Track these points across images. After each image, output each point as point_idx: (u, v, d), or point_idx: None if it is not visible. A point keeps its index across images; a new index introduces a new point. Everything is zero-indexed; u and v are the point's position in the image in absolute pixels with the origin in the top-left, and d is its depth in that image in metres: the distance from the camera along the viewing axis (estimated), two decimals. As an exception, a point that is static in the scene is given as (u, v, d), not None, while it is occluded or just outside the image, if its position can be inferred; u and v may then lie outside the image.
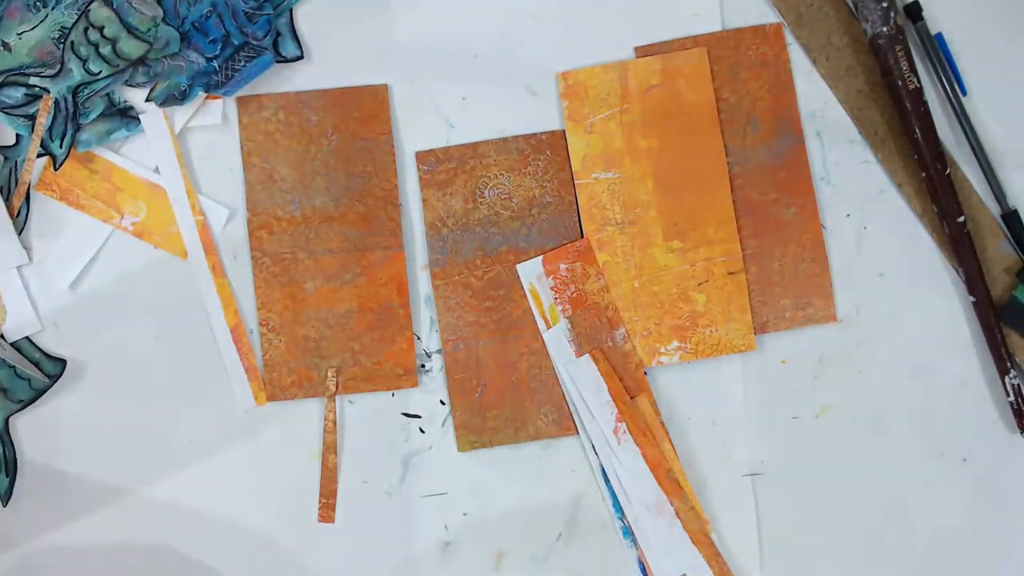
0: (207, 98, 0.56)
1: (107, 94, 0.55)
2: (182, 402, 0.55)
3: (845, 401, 0.56)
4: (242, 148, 0.56)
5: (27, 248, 0.55)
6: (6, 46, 0.54)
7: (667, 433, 0.54)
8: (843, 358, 0.55)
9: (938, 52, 0.56)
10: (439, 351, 0.55)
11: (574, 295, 0.55)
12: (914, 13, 0.56)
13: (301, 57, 0.56)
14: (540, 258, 0.55)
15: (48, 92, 0.54)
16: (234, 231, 0.56)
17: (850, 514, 0.55)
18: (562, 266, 0.55)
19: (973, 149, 0.56)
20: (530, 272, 0.55)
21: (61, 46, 0.54)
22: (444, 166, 0.56)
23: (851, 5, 0.56)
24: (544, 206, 0.56)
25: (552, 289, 0.55)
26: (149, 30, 0.54)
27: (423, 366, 0.55)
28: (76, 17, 0.54)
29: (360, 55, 0.57)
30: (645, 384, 0.54)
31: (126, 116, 0.55)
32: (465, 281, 0.56)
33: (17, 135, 0.55)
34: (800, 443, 0.55)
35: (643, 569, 0.54)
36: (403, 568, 0.55)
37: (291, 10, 0.56)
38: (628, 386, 0.54)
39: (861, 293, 0.56)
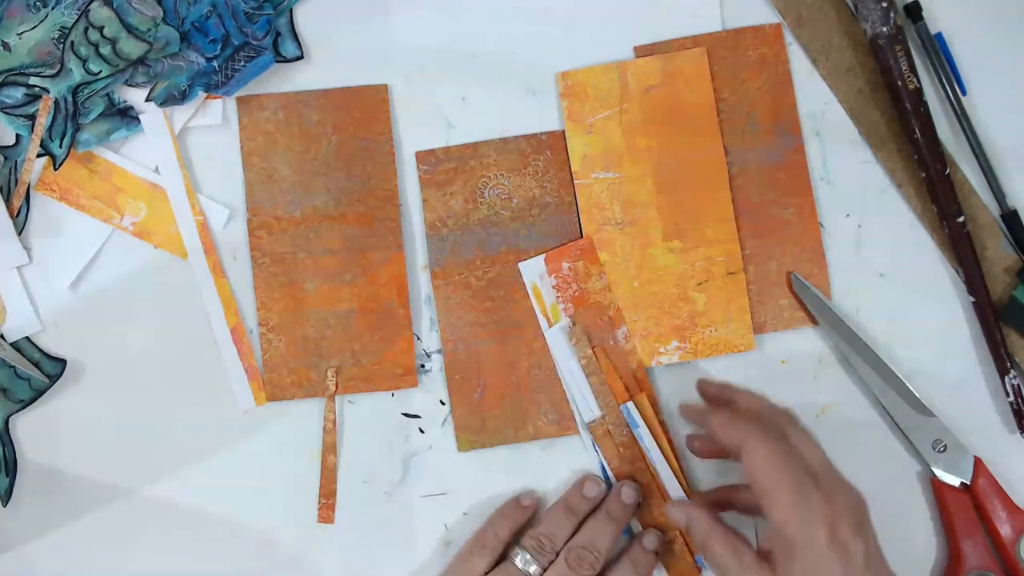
0: (207, 98, 0.56)
1: (107, 94, 0.55)
2: (182, 402, 0.55)
3: (845, 401, 0.56)
4: (242, 148, 0.56)
5: (27, 248, 0.55)
6: (6, 46, 0.54)
7: (666, 432, 0.54)
8: (842, 358, 0.55)
9: (938, 52, 0.56)
10: (439, 351, 0.55)
11: (576, 294, 0.55)
12: (914, 13, 0.56)
13: (301, 57, 0.56)
14: (542, 256, 0.55)
15: (48, 92, 0.54)
16: (234, 231, 0.56)
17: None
18: (564, 264, 0.55)
19: (973, 149, 0.56)
20: (532, 270, 0.55)
21: (61, 46, 0.54)
22: (444, 166, 0.56)
23: (851, 5, 0.57)
24: (544, 206, 0.56)
25: (554, 288, 0.55)
26: (149, 30, 0.54)
27: (423, 366, 0.55)
28: (76, 17, 0.54)
29: (360, 55, 0.57)
30: (646, 383, 0.54)
31: (126, 116, 0.55)
32: (465, 281, 0.56)
33: (17, 135, 0.55)
34: (800, 443, 0.55)
35: (643, 569, 0.54)
36: (403, 568, 0.55)
37: (291, 10, 0.56)
38: (628, 385, 0.54)
39: (861, 293, 0.56)
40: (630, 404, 0.54)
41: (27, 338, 0.55)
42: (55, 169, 0.55)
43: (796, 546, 0.43)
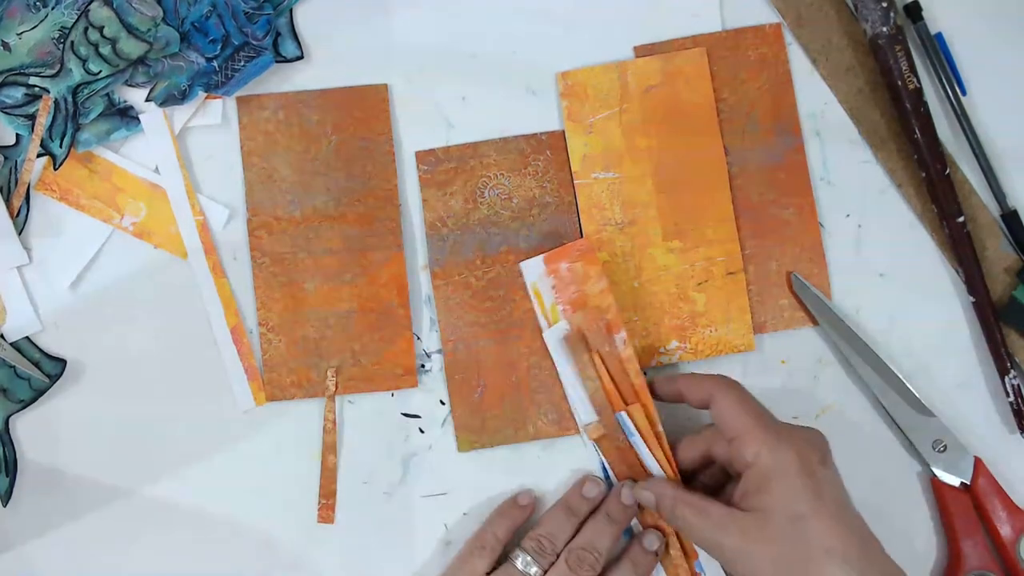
0: (207, 98, 0.56)
1: (107, 94, 0.55)
2: (182, 402, 0.55)
3: (845, 401, 0.56)
4: (242, 148, 0.56)
5: (27, 248, 0.55)
6: (6, 46, 0.54)
7: (661, 443, 0.52)
8: (842, 358, 0.55)
9: (938, 52, 0.56)
10: (439, 351, 0.55)
11: (575, 296, 0.54)
12: (914, 13, 0.56)
13: (301, 57, 0.56)
14: (542, 257, 0.54)
15: (48, 92, 0.54)
16: (234, 231, 0.56)
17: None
18: (563, 265, 0.54)
19: (973, 149, 0.56)
20: (532, 271, 0.55)
21: (61, 46, 0.54)
22: (444, 166, 0.56)
23: (851, 5, 0.57)
24: (544, 206, 0.56)
25: (553, 288, 0.54)
26: (149, 30, 0.54)
27: (423, 366, 0.55)
28: (76, 17, 0.54)
29: (360, 55, 0.57)
30: (643, 391, 0.52)
31: (126, 116, 0.55)
32: (465, 281, 0.56)
33: (17, 135, 0.55)
34: (800, 443, 0.55)
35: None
36: (403, 568, 0.55)
37: (291, 10, 0.56)
38: (625, 392, 0.53)
39: (861, 293, 0.56)
40: (624, 414, 0.52)
41: (27, 338, 0.55)
42: (55, 169, 0.55)
43: (771, 477, 0.45)
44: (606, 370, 0.53)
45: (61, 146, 0.55)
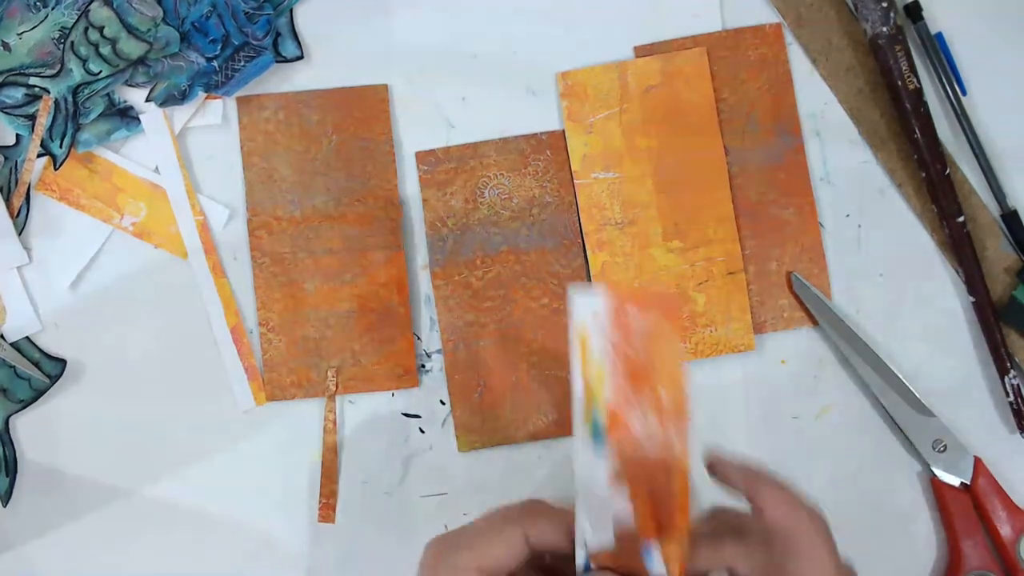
0: (207, 98, 0.56)
1: (107, 94, 0.55)
2: (182, 402, 0.55)
3: (845, 401, 0.56)
4: (242, 148, 0.56)
5: (27, 248, 0.55)
6: (6, 46, 0.54)
7: None
8: (842, 358, 0.55)
9: (938, 52, 0.56)
10: (439, 351, 0.55)
11: (636, 358, 0.37)
12: (914, 13, 0.56)
13: (301, 57, 0.56)
14: (606, 287, 0.39)
15: (48, 92, 0.54)
16: (234, 231, 0.56)
17: (850, 515, 0.55)
18: (632, 310, 0.36)
19: (973, 149, 0.56)
20: (587, 305, 0.37)
21: (61, 46, 0.54)
22: (444, 166, 0.56)
23: (851, 5, 0.57)
24: (544, 206, 0.56)
25: (612, 345, 0.37)
26: (149, 30, 0.54)
27: (423, 366, 0.55)
28: (76, 17, 0.54)
29: (360, 55, 0.57)
30: (684, 515, 0.37)
31: (126, 116, 0.55)
32: (465, 281, 0.56)
33: (17, 135, 0.55)
34: (800, 443, 0.55)
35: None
36: (403, 568, 0.55)
37: (291, 10, 0.56)
38: (659, 511, 0.38)
39: (861, 293, 0.56)
40: (654, 547, 0.38)
41: (27, 338, 0.55)
42: (55, 169, 0.55)
43: None
44: (646, 483, 0.38)
45: (61, 146, 0.55)
